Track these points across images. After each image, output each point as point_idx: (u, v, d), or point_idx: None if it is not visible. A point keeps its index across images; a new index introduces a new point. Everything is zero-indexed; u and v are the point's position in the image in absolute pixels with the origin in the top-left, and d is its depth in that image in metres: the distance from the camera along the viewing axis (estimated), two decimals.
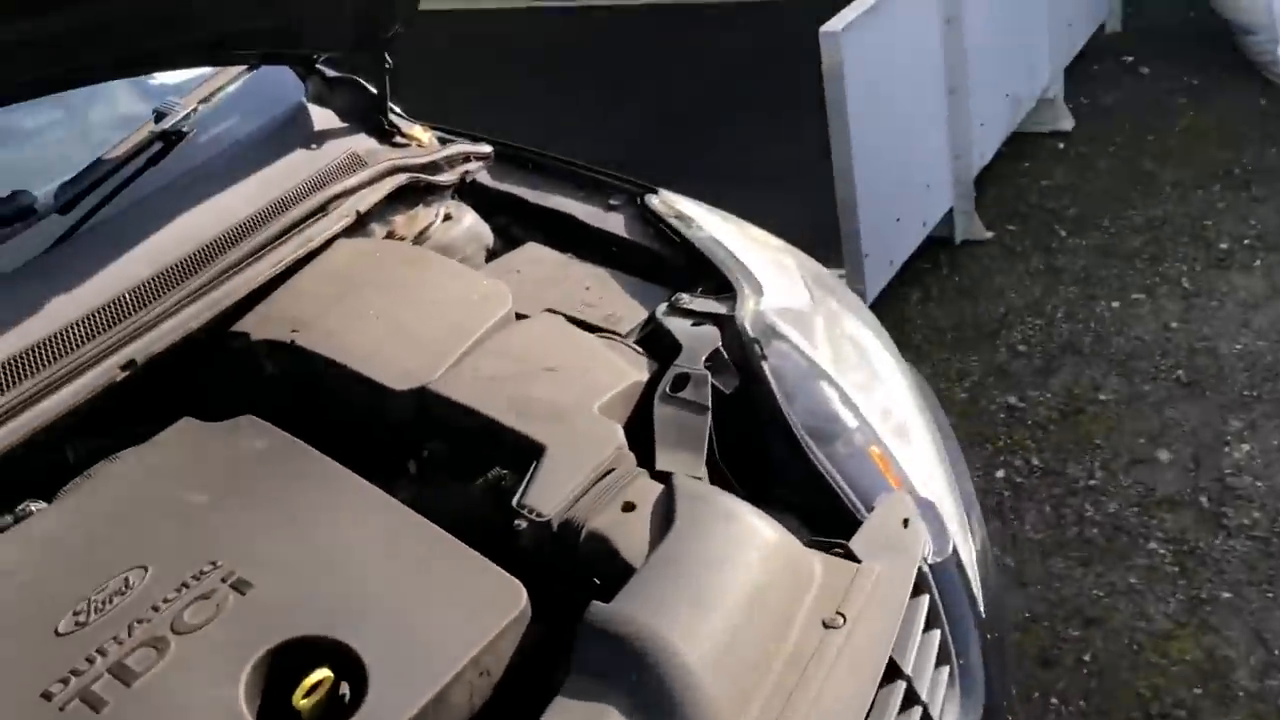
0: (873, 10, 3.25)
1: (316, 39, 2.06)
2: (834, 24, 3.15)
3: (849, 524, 1.44)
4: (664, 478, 1.42)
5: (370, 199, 1.92)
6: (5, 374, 1.50)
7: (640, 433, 1.54)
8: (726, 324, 1.69)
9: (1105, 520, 2.86)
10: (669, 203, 1.98)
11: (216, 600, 1.22)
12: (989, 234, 4.08)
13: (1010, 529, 2.88)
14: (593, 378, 1.58)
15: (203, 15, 1.85)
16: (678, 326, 1.70)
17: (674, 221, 1.92)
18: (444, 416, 1.54)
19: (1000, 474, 3.06)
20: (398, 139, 2.15)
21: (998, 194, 4.31)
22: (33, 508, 1.46)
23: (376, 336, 1.64)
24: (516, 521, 1.35)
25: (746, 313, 1.68)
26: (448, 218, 2.02)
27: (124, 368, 1.59)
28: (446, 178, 2.07)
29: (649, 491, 1.40)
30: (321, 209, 1.86)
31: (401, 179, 1.98)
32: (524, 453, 1.47)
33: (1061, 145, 4.59)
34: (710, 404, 1.53)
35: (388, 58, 2.10)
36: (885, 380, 1.74)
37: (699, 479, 1.44)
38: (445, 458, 1.55)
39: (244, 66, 2.07)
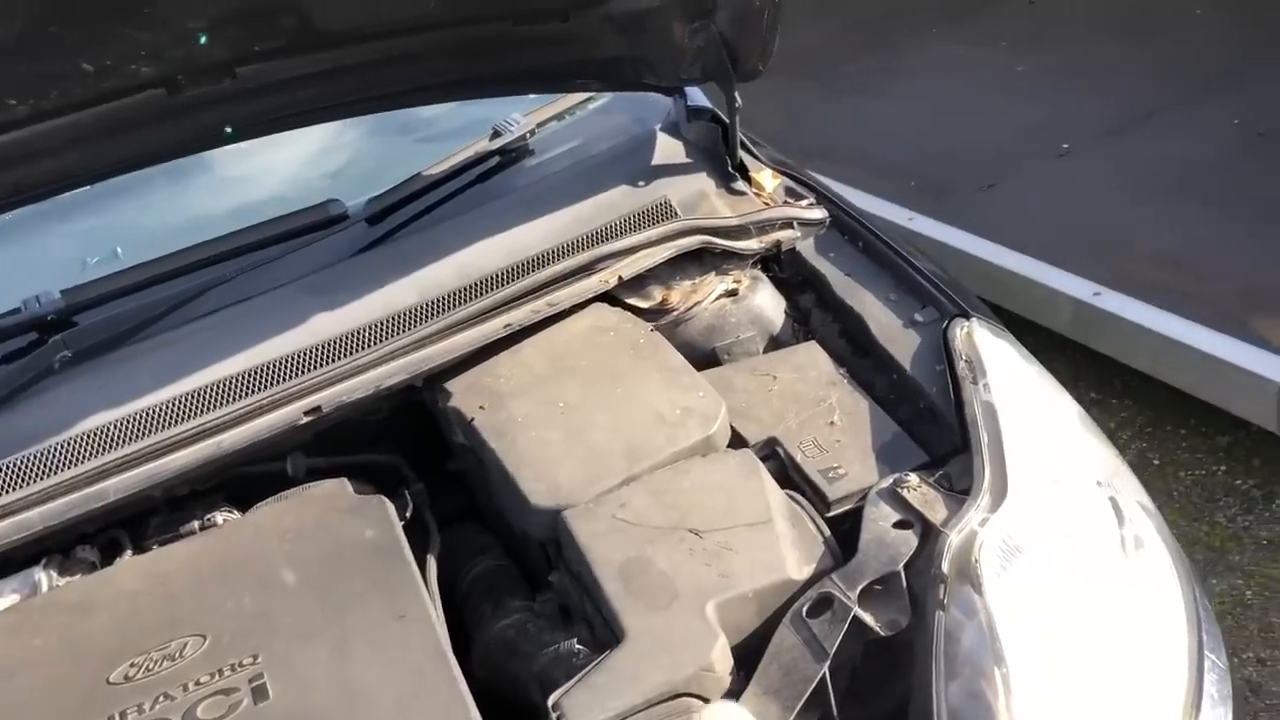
0: None
1: (660, 73, 1.91)
2: None
3: None
4: None
5: (644, 263, 1.77)
6: (250, 380, 1.59)
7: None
8: (934, 537, 1.32)
9: None
10: (974, 339, 1.58)
11: (233, 700, 1.23)
12: None
13: None
14: (735, 561, 1.33)
15: (540, 43, 1.81)
16: (875, 520, 1.36)
17: (960, 366, 1.53)
18: (567, 552, 1.40)
19: None
20: (737, 185, 1.95)
21: None
22: (220, 518, 1.58)
23: (552, 436, 1.52)
24: None
25: (958, 532, 1.30)
26: (733, 293, 1.80)
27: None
28: (752, 244, 1.84)
29: None
30: (588, 268, 1.75)
31: (691, 242, 1.79)
32: (606, 632, 1.30)
33: None
34: (834, 649, 1.22)
35: (737, 97, 1.90)
36: None
37: None
38: (566, 594, 1.42)
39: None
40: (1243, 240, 3.20)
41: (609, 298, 1.79)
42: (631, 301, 1.80)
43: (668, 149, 2.01)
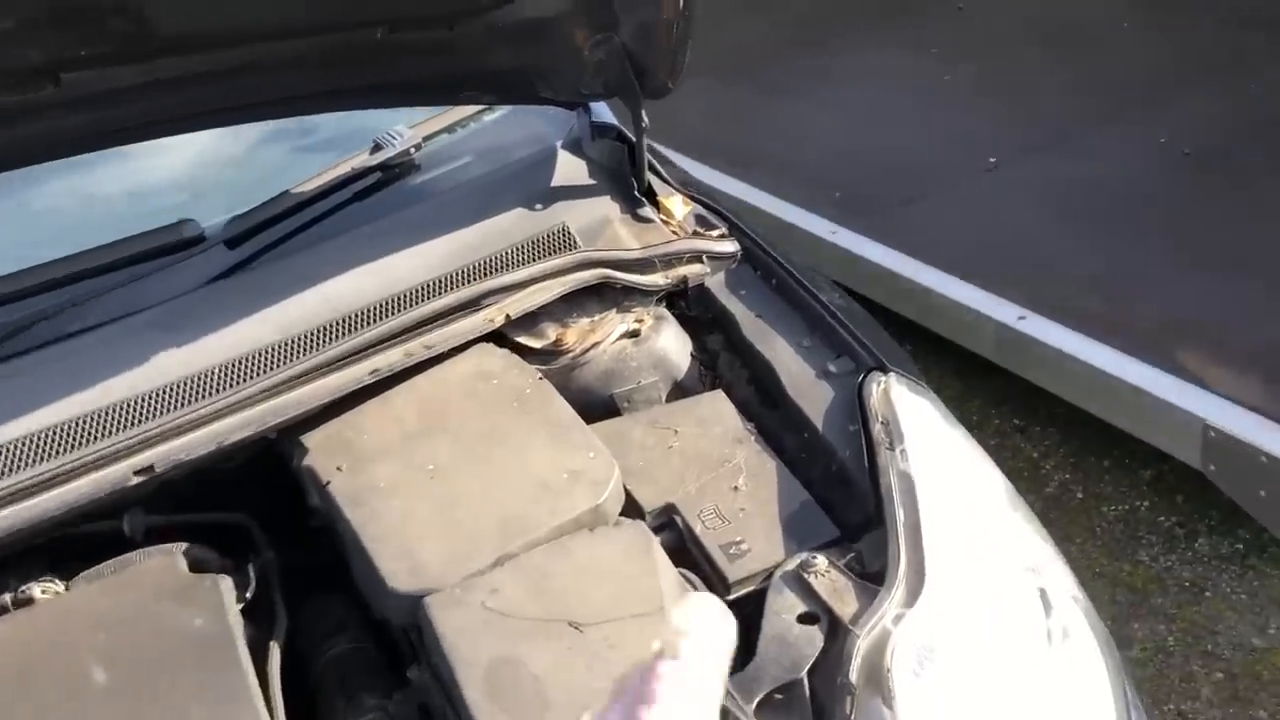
0: None
1: (557, 86, 1.74)
2: None
3: None
4: None
5: (537, 299, 1.59)
6: (72, 433, 1.39)
7: None
8: (842, 634, 1.17)
9: None
10: (890, 398, 1.43)
11: None
12: None
13: None
14: (619, 661, 1.16)
15: (422, 52, 1.62)
16: (777, 611, 1.21)
17: (875, 429, 1.39)
18: (428, 644, 1.23)
19: None
20: (644, 211, 1.79)
21: None
22: (38, 591, 1.38)
23: (418, 506, 1.35)
24: None
25: (868, 632, 1.16)
26: (634, 333, 1.64)
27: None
28: (657, 280, 1.68)
29: None
30: (473, 304, 1.57)
31: (590, 276, 1.63)
32: None
33: None
34: None
35: (645, 116, 1.73)
36: None
37: None
38: (426, 693, 1.24)
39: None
40: (1169, 267, 3.12)
41: (497, 335, 1.61)
42: (522, 340, 1.63)
43: (569, 169, 1.83)
